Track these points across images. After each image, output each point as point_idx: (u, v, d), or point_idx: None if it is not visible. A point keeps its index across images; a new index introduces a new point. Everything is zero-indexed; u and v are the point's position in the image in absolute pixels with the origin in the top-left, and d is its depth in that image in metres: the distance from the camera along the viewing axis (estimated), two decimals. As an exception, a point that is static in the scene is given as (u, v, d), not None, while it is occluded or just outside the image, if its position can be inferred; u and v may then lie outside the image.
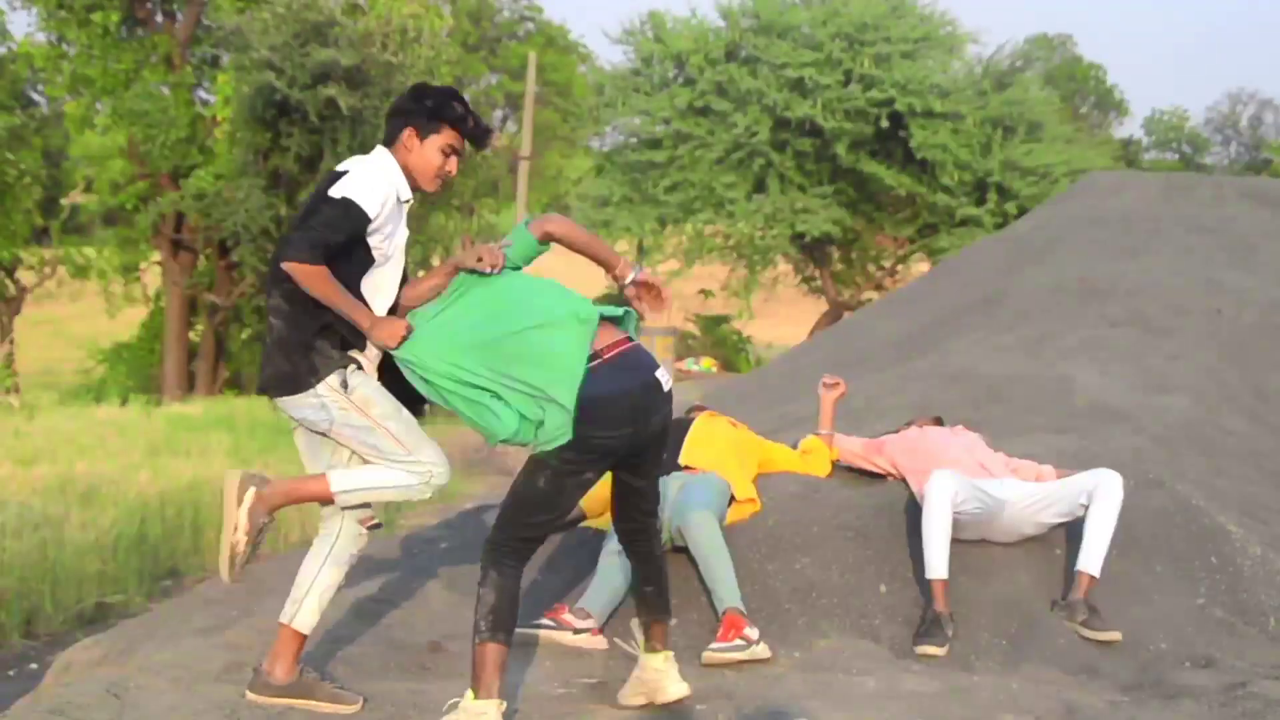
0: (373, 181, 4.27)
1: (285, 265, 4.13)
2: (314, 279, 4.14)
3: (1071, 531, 5.69)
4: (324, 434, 4.44)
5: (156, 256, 27.10)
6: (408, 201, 4.43)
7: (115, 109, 25.34)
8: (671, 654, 4.61)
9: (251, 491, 4.61)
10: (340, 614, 5.61)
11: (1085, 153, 29.49)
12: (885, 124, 26.64)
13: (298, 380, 4.30)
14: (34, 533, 10.65)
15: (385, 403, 4.36)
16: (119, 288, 28.49)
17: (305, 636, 4.53)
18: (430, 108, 4.36)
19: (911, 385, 8.83)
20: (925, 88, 26.61)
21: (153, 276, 28.78)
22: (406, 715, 4.48)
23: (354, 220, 4.22)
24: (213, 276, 26.02)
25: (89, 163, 28.34)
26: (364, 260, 4.33)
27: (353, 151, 22.83)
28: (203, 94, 27.09)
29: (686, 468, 5.94)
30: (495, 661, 4.10)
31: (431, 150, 4.37)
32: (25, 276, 31.84)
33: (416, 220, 25.44)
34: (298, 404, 4.37)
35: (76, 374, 29.71)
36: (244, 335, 26.61)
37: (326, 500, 4.49)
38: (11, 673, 9.30)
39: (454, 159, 4.42)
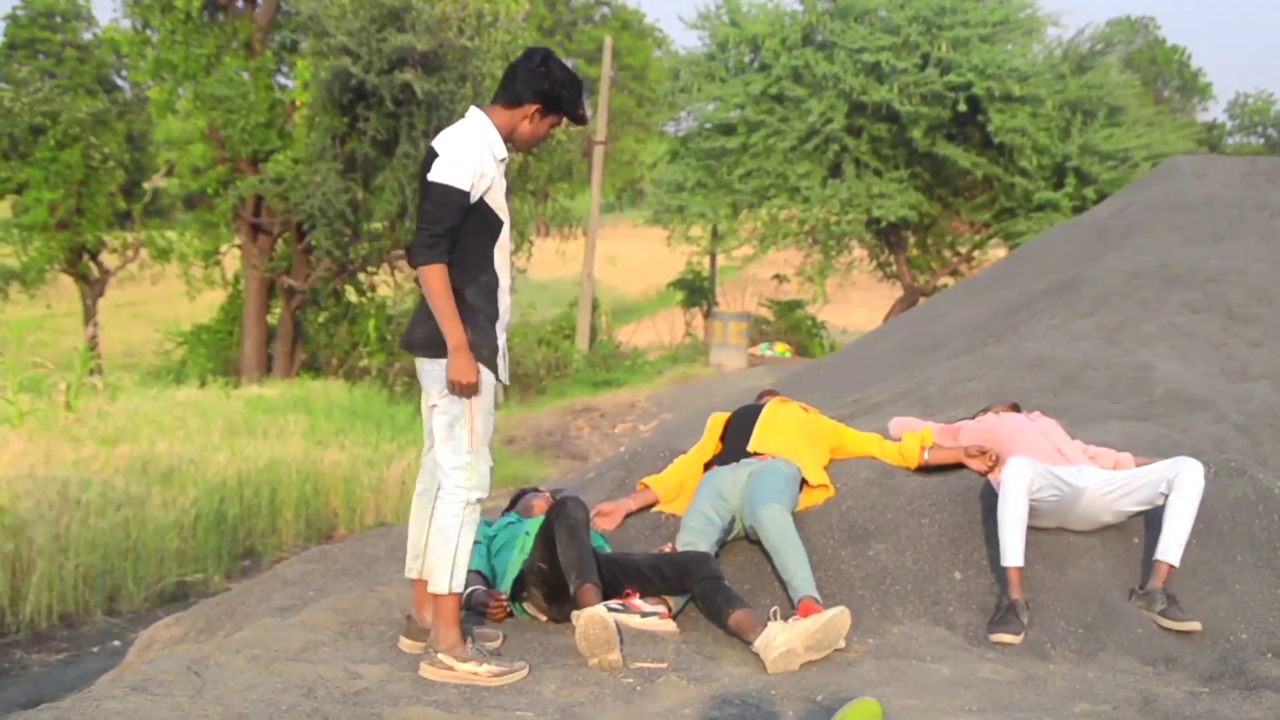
0: (460, 156, 4.56)
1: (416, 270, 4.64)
2: (427, 281, 4.55)
3: (1150, 520, 5.62)
4: (433, 404, 4.76)
5: (236, 240, 27.41)
6: (504, 160, 4.70)
7: (196, 94, 25.64)
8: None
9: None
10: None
11: (1166, 137, 29.04)
12: (963, 108, 26.38)
13: (443, 347, 4.59)
14: (117, 512, 10.85)
15: (486, 398, 4.69)
16: (199, 271, 28.86)
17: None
18: (566, 98, 4.71)
19: (988, 372, 8.75)
20: (1004, 72, 26.32)
21: (232, 260, 29.13)
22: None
23: (455, 201, 4.56)
24: (290, 260, 26.28)
25: (171, 147, 28.67)
26: (493, 221, 4.70)
27: (428, 137, 23.03)
28: (281, 79, 27.36)
29: (755, 454, 5.92)
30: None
31: (544, 127, 4.76)
32: (109, 260, 32.36)
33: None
34: (434, 368, 4.68)
35: (157, 356, 30.14)
36: (320, 318, 26.87)
37: (452, 606, 4.71)
38: (95, 649, 9.50)
39: (549, 124, 4.79)
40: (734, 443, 6.13)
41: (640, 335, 35.35)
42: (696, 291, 36.38)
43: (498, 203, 4.67)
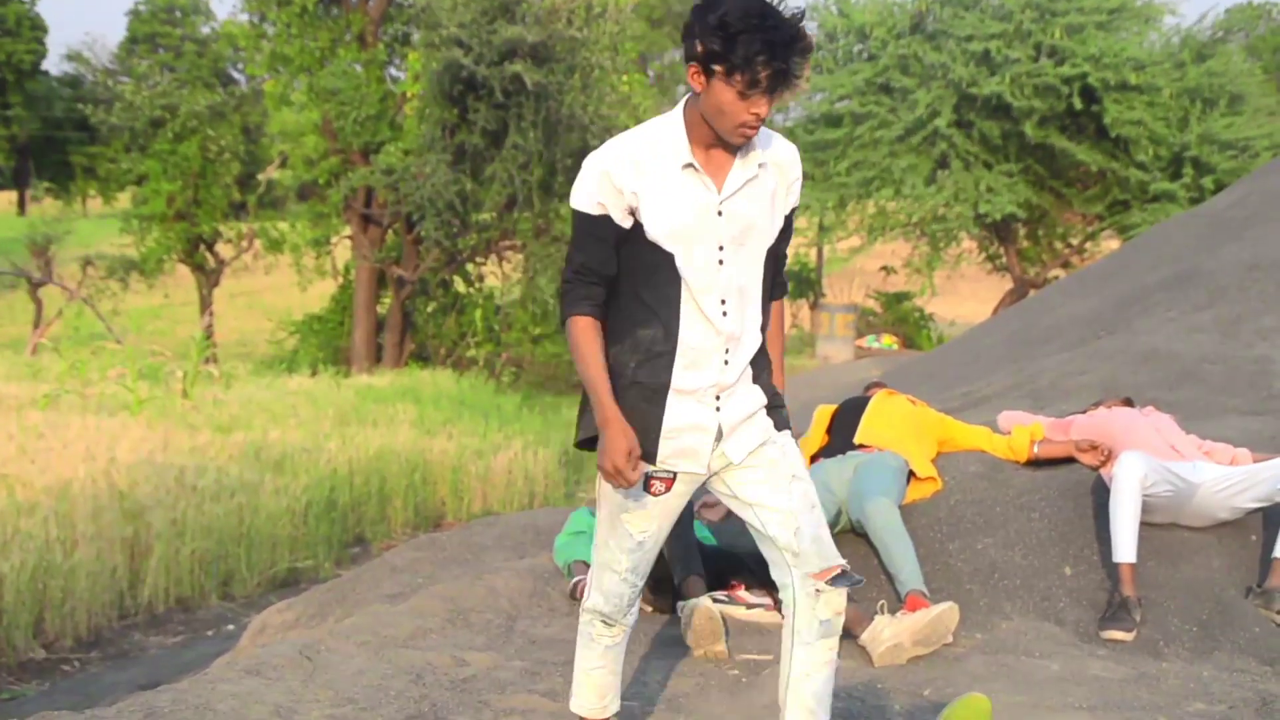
0: (585, 169, 3.37)
1: None
2: (570, 338, 3.44)
3: (1269, 517, 5.50)
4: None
5: (347, 231, 27.79)
6: (689, 166, 3.30)
7: (311, 86, 26.04)
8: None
9: None
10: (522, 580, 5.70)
11: (1289, 126, 28.32)
12: (1078, 103, 25.89)
13: (581, 426, 3.53)
14: (231, 498, 11.06)
15: (619, 494, 3.48)
16: (311, 261, 29.31)
17: None
18: (720, 42, 3.15)
19: (1100, 365, 8.61)
20: (1120, 60, 25.80)
21: (343, 250, 29.54)
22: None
23: (590, 229, 3.37)
24: (400, 250, 26.59)
25: (284, 139, 29.19)
26: (651, 255, 3.35)
27: (536, 128, 23.19)
28: (393, 71, 27.68)
29: (862, 446, 5.89)
30: None
31: (724, 96, 3.20)
32: (224, 250, 32.99)
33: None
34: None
35: (270, 345, 30.65)
36: (430, 308, 27.16)
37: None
38: (210, 633, 9.70)
39: (759, 100, 3.21)
40: (840, 435, 6.09)
41: (746, 327, 35.20)
42: (803, 283, 36.23)
43: (665, 229, 3.30)
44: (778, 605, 5.34)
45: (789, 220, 3.50)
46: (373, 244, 26.55)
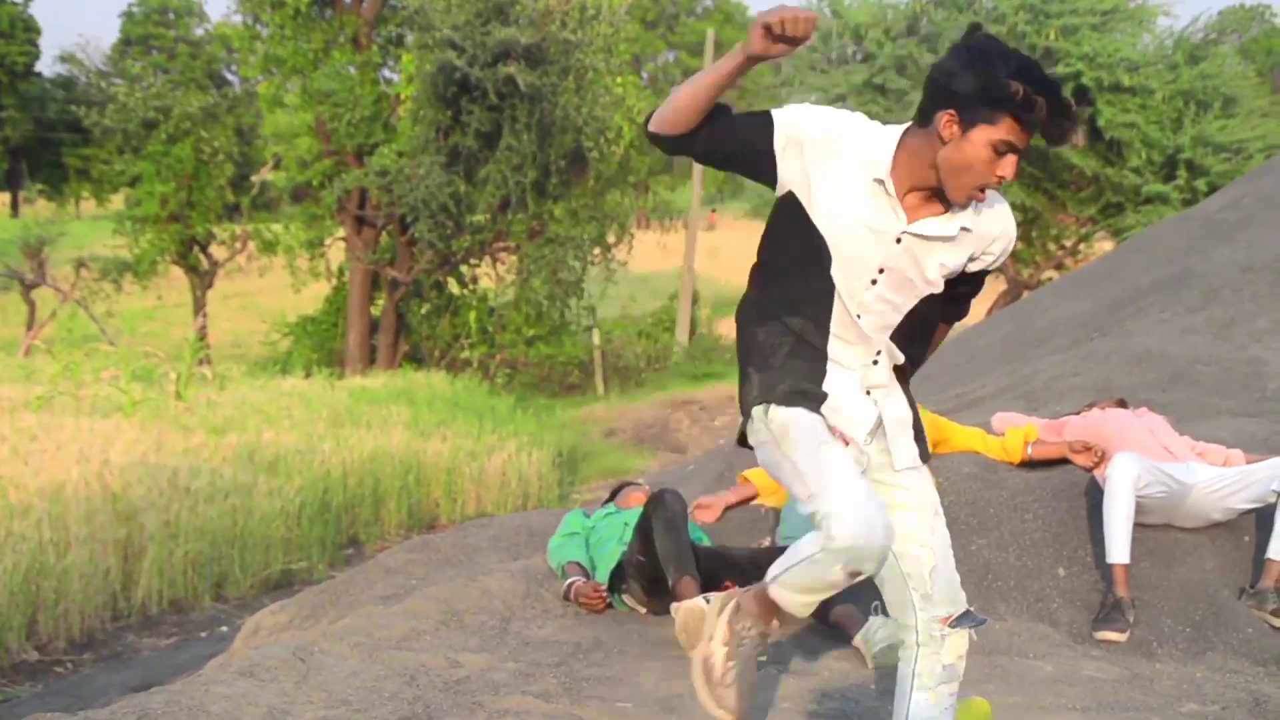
0: (795, 103, 3.15)
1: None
2: (661, 114, 3.14)
3: (1261, 518, 5.51)
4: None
5: (341, 232, 27.79)
6: (879, 182, 3.04)
7: (304, 88, 26.04)
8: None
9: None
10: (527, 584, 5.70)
11: (1282, 128, 28.37)
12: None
13: (742, 403, 3.27)
14: (224, 500, 11.05)
15: (802, 432, 3.13)
16: (304, 263, 29.30)
17: None
18: (984, 87, 2.91)
19: (1093, 366, 8.62)
20: (1114, 61, 25.85)
21: (337, 252, 29.54)
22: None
23: (754, 123, 3.09)
24: (393, 252, 26.59)
25: (278, 141, 29.20)
26: (809, 236, 3.14)
27: (530, 130, 23.20)
28: (387, 73, 27.69)
29: (859, 447, 5.88)
30: None
31: (977, 147, 2.94)
32: (217, 251, 32.97)
33: (593, 197, 25.65)
34: (753, 439, 3.28)
35: (263, 346, 30.64)
36: (423, 310, 27.16)
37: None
38: (203, 634, 9.68)
39: (1010, 160, 2.97)
40: (835, 436, 6.09)
41: (741, 328, 35.20)
42: (797, 284, 36.22)
43: (831, 218, 3.06)
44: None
45: (982, 276, 3.24)
46: (366, 246, 26.54)
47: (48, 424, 13.18)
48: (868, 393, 3.19)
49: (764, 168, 3.09)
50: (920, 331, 3.24)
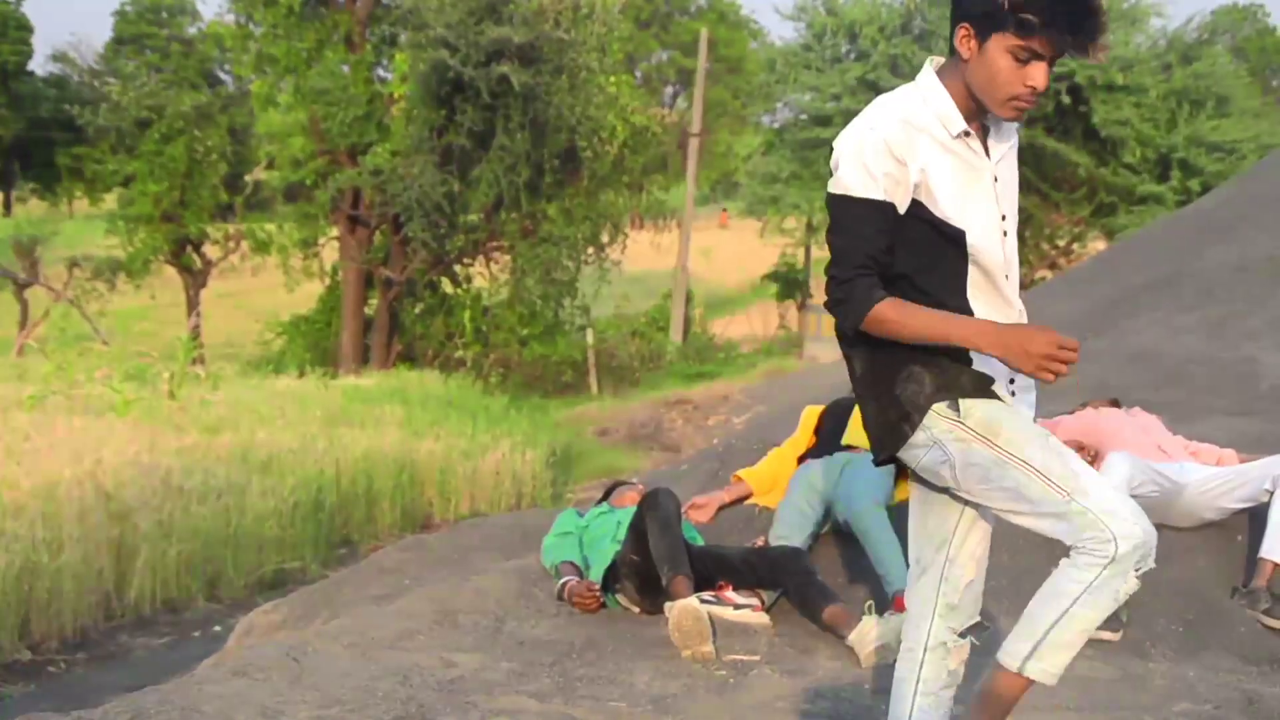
0: (852, 145, 2.89)
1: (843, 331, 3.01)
2: (885, 327, 2.89)
3: (1254, 517, 5.51)
4: (950, 492, 3.13)
5: (334, 232, 27.77)
6: (963, 134, 2.91)
7: (297, 87, 26.02)
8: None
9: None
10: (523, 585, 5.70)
11: (1275, 128, 28.44)
12: (1066, 100, 25.98)
13: (896, 431, 3.02)
14: (218, 499, 11.03)
15: (1016, 425, 3.00)
16: (298, 262, 29.25)
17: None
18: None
19: (1087, 366, 8.60)
20: (1108, 59, 25.90)
21: (330, 251, 29.51)
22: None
23: (867, 217, 2.88)
24: (387, 251, 26.57)
25: (271, 140, 29.14)
26: (943, 236, 2.93)
27: (524, 129, 23.18)
28: (380, 72, 27.67)
29: (850, 447, 5.89)
30: None
31: (1000, 63, 2.80)
32: (211, 251, 32.93)
33: (586, 197, 25.64)
34: (913, 457, 3.05)
35: (257, 345, 30.60)
36: (417, 309, 27.15)
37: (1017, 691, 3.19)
38: (196, 634, 9.66)
39: (1037, 67, 2.79)
40: (828, 436, 6.10)
41: (734, 328, 35.28)
42: (791, 284, 36.26)
43: (957, 203, 2.90)
44: (765, 606, 5.34)
45: None
46: (360, 245, 26.53)
47: (40, 423, 13.15)
48: (1011, 381, 3.09)
49: (907, 215, 2.90)
50: None
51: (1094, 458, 5.75)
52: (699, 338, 31.05)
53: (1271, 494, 5.32)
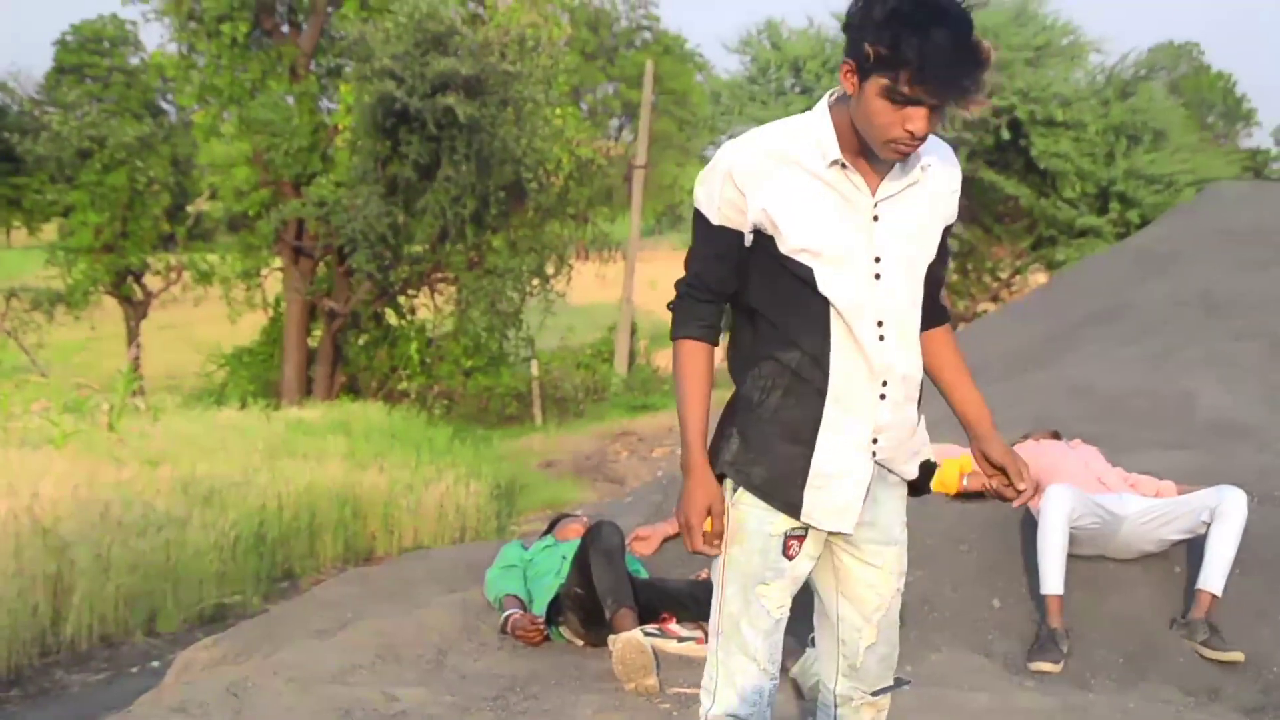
0: (709, 165, 2.87)
1: None
2: (674, 363, 2.93)
3: (1192, 549, 5.57)
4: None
5: (278, 263, 27.61)
6: (838, 165, 2.78)
7: (241, 118, 25.88)
8: None
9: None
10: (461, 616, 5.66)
11: (1211, 162, 28.89)
12: (1006, 134, 26.30)
13: (712, 459, 2.94)
14: (158, 533, 10.91)
15: (749, 555, 2.95)
16: (241, 293, 29.05)
17: None
18: (877, 43, 2.62)
19: (1028, 398, 8.70)
20: (1048, 96, 26.25)
21: (274, 283, 29.33)
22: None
23: (708, 237, 2.86)
24: (331, 283, 26.44)
25: (214, 170, 28.94)
26: (797, 285, 2.81)
27: (469, 160, 23.17)
28: (325, 103, 27.58)
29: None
30: None
31: (872, 98, 2.67)
32: (152, 282, 32.65)
33: (531, 229, 25.64)
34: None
35: (199, 377, 30.32)
36: (361, 341, 27.00)
37: None
38: (134, 669, 9.54)
39: (916, 112, 2.66)
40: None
41: (679, 359, 35.21)
42: (736, 316, 36.34)
43: (807, 238, 2.77)
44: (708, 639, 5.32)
45: (945, 238, 2.97)
46: (303, 276, 26.38)
47: (-24, 456, 12.97)
48: (873, 441, 2.90)
49: (763, 245, 2.82)
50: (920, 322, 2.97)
51: (1035, 489, 5.80)
52: (644, 370, 31.06)
53: (1209, 525, 5.38)
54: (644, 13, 63.44)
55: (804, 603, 5.45)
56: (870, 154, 2.78)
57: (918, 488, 3.13)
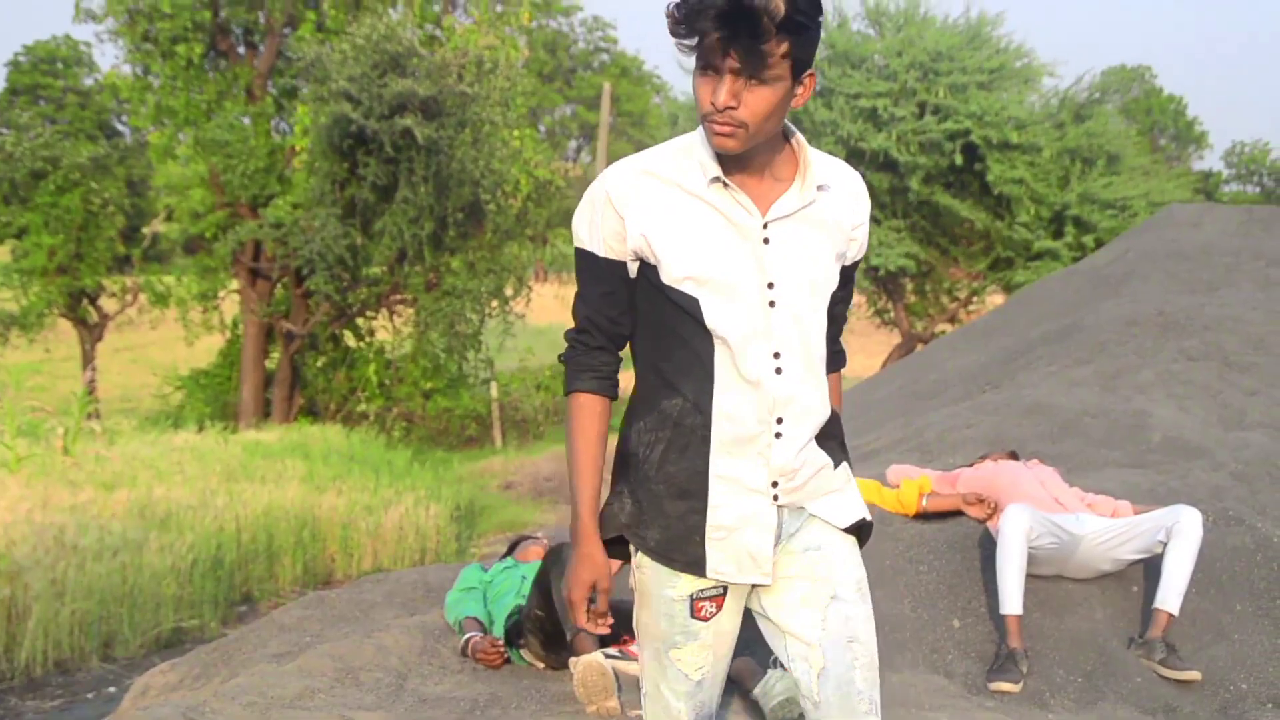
0: (587, 194, 2.69)
1: None
2: (566, 421, 2.76)
3: (1149, 568, 5.62)
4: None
5: (235, 285, 27.47)
6: (718, 182, 2.56)
7: (197, 139, 25.77)
8: None
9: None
10: (421, 639, 5.64)
11: (1164, 185, 29.20)
12: (960, 159, 26.51)
13: (602, 521, 2.77)
14: (114, 557, 10.82)
15: (657, 619, 2.74)
16: (197, 315, 28.87)
17: None
18: (672, 24, 2.44)
19: (985, 418, 8.76)
20: (1002, 119, 26.49)
21: (231, 305, 29.17)
22: None
23: (592, 272, 2.67)
24: (289, 305, 26.33)
25: (170, 192, 28.79)
26: (683, 321, 2.60)
27: (427, 182, 23.14)
28: (282, 124, 27.49)
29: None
30: None
31: (694, 80, 2.51)
32: (107, 304, 32.40)
33: (490, 250, 25.64)
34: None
35: (155, 400, 30.11)
36: (319, 363, 26.89)
37: None
38: (90, 695, 9.44)
39: (717, 81, 2.44)
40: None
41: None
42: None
43: (690, 266, 2.56)
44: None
45: (851, 275, 2.75)
46: (261, 298, 26.26)
47: (-72, 481, 12.84)
48: (773, 484, 2.62)
49: (643, 277, 2.63)
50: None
51: (993, 510, 5.84)
52: (604, 391, 31.01)
53: (1165, 545, 5.43)
54: (601, 35, 63.64)
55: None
56: (761, 173, 2.57)
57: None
